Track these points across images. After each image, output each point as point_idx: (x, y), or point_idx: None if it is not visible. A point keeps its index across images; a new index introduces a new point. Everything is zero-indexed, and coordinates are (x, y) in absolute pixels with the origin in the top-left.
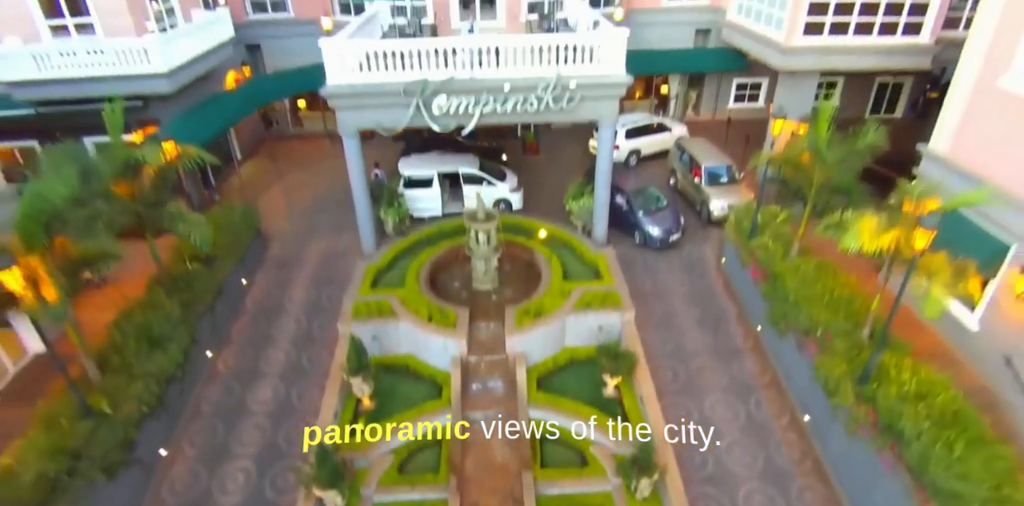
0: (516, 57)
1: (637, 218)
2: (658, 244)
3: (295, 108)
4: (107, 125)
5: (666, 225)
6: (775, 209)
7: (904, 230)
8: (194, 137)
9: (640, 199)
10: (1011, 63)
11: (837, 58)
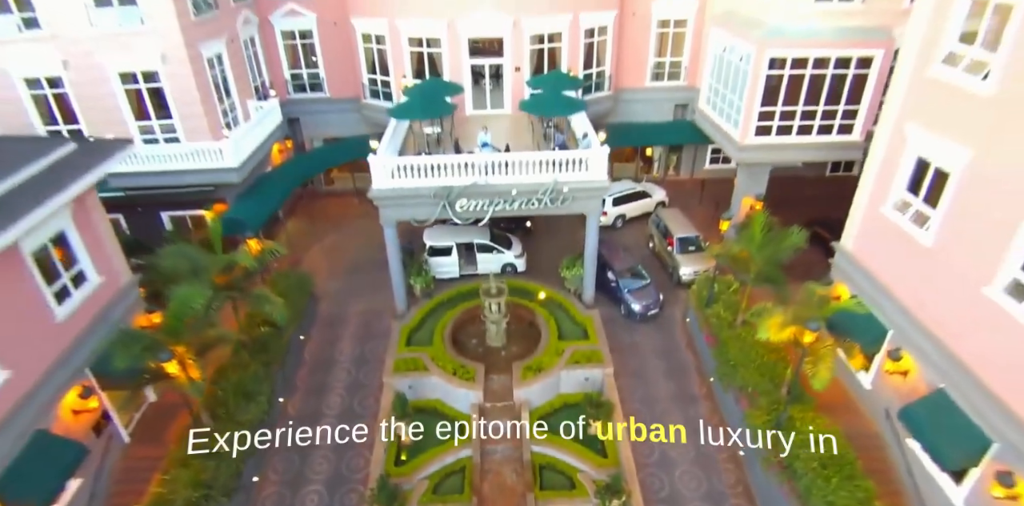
0: (521, 168)
1: (623, 294)
2: (638, 318)
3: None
4: (211, 236)
5: (647, 302)
6: (730, 279)
7: (798, 328)
8: (256, 216)
9: (627, 277)
10: (887, 196)
11: (784, 153)
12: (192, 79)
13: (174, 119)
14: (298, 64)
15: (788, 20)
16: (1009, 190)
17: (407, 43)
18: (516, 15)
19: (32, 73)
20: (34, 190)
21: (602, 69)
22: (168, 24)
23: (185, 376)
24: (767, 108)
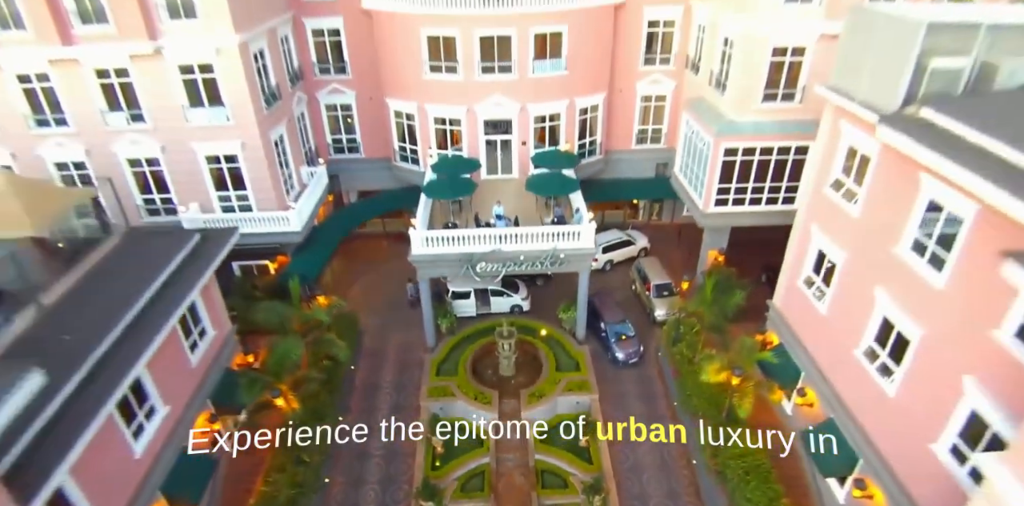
0: (528, 239)
1: (610, 343)
2: (621, 365)
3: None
4: (292, 294)
5: (629, 351)
6: (693, 321)
7: (728, 372)
8: (313, 267)
9: (616, 330)
10: (800, 272)
11: (740, 218)
12: (264, 161)
13: (248, 191)
14: (338, 131)
15: (740, 116)
16: (866, 284)
17: (433, 121)
18: (523, 102)
19: (135, 155)
20: (184, 277)
21: (594, 138)
22: (248, 120)
23: (288, 406)
24: (724, 185)
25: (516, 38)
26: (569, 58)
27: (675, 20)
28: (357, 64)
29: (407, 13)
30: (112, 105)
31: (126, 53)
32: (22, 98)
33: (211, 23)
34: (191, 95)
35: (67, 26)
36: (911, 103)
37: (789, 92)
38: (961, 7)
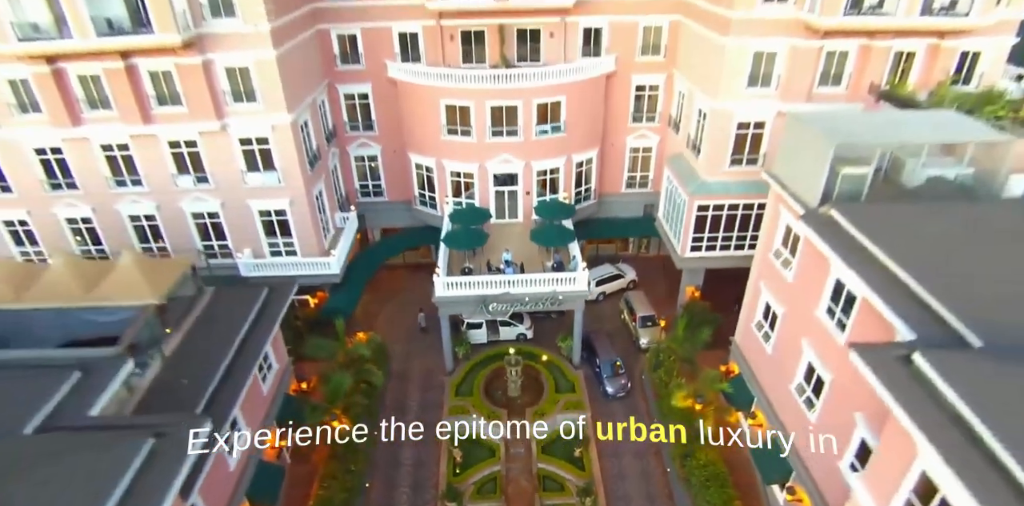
0: (531, 283)
1: (603, 378)
2: (609, 398)
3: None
4: (337, 331)
5: (618, 386)
6: (671, 350)
7: (693, 399)
8: (348, 303)
9: (608, 367)
10: (753, 317)
11: (712, 261)
12: (308, 213)
13: (294, 238)
14: (365, 178)
15: (711, 176)
16: (797, 334)
17: (449, 174)
18: (527, 160)
19: (199, 210)
20: (260, 325)
21: (589, 186)
22: (296, 181)
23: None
24: (698, 234)
25: (521, 108)
26: (567, 122)
27: (659, 85)
28: (382, 122)
29: (429, 85)
30: (181, 169)
31: (196, 130)
32: (104, 163)
33: (268, 106)
34: (249, 162)
35: (148, 108)
36: (828, 201)
37: (752, 157)
38: (877, 117)
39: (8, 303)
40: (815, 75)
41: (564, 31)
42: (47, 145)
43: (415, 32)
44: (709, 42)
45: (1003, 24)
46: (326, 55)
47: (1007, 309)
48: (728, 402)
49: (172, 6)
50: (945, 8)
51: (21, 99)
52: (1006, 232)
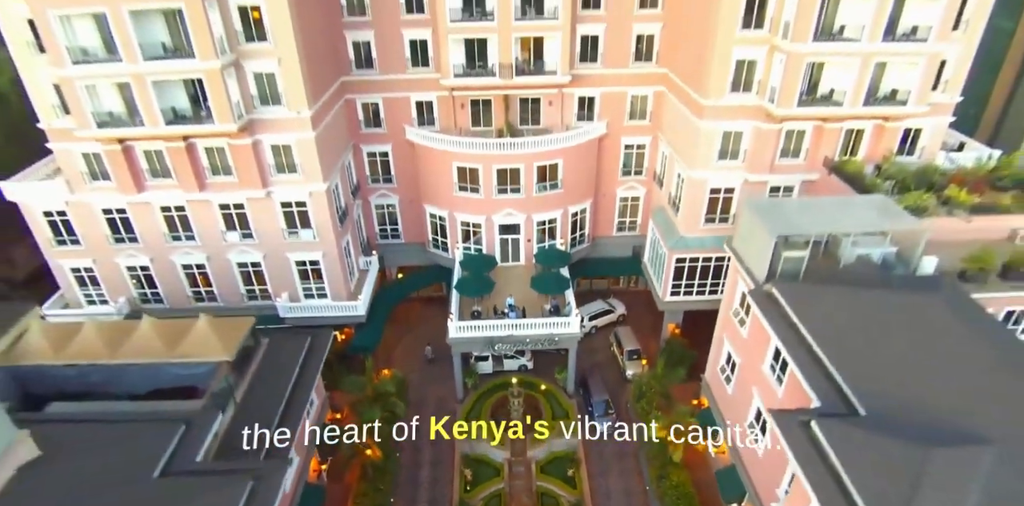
0: (532, 327)
1: (594, 417)
2: (598, 435)
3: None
4: (363, 362)
5: (608, 424)
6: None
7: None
8: (372, 339)
9: (600, 406)
10: (718, 361)
11: (690, 304)
12: (337, 263)
13: (325, 283)
14: (384, 223)
15: (688, 232)
16: (749, 383)
17: (460, 224)
18: (528, 213)
19: (243, 260)
20: (307, 368)
21: (584, 231)
22: (328, 237)
23: (376, 454)
24: (676, 282)
25: (524, 170)
26: (564, 180)
27: (645, 144)
28: (400, 176)
29: (443, 150)
30: (230, 227)
31: (244, 196)
32: (163, 222)
33: (307, 177)
34: (288, 222)
35: (203, 178)
36: (773, 277)
37: (724, 217)
38: (820, 204)
39: (106, 359)
40: (776, 150)
41: (561, 100)
42: (114, 206)
43: (430, 101)
44: (687, 120)
45: (940, 106)
46: (352, 120)
47: (889, 384)
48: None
49: (229, 99)
50: (887, 97)
51: (93, 169)
52: (904, 318)
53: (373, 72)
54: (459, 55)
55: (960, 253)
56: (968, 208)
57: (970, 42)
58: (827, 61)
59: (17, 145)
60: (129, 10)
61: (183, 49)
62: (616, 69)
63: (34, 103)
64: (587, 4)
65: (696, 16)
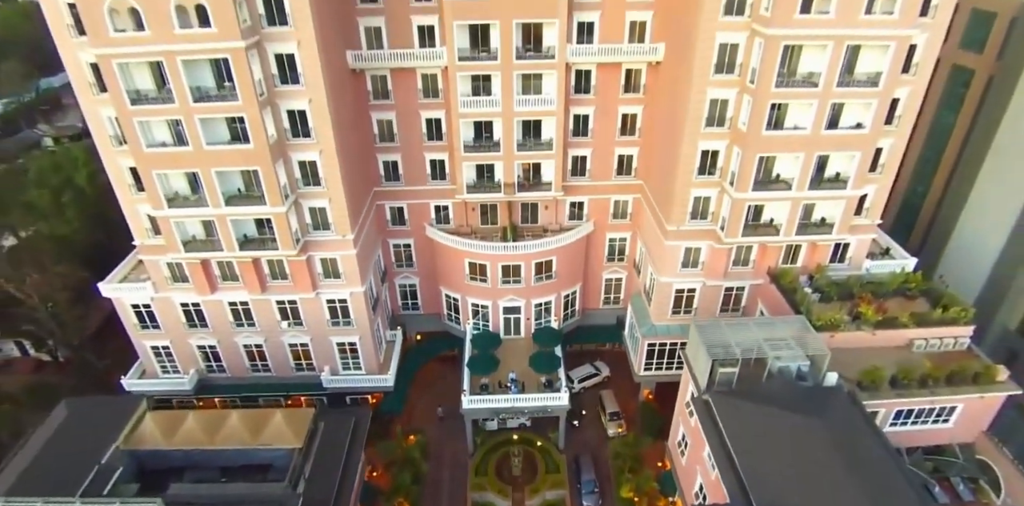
0: (529, 401)
1: (583, 494)
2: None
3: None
4: (395, 430)
5: (593, 501)
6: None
7: (633, 493)
8: (398, 403)
9: (589, 485)
10: (677, 435)
11: (661, 377)
12: (371, 343)
13: (360, 359)
14: (406, 298)
15: (658, 321)
16: (694, 463)
17: (470, 305)
18: (528, 298)
19: (294, 342)
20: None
21: (574, 307)
22: (364, 325)
23: None
24: (648, 361)
25: (524, 266)
26: (557, 272)
27: (627, 238)
28: (421, 262)
29: (457, 248)
30: (284, 317)
31: (297, 296)
32: (230, 313)
33: (348, 281)
34: (332, 314)
35: (264, 282)
36: (712, 386)
37: (688, 309)
38: (753, 326)
39: (207, 445)
40: (728, 262)
41: (556, 206)
42: (190, 302)
43: (446, 205)
44: (656, 236)
45: (863, 227)
46: (381, 220)
47: (778, 487)
48: (660, 492)
49: (290, 229)
50: (817, 224)
51: (175, 274)
52: (799, 432)
53: (399, 184)
54: (471, 174)
55: (868, 359)
56: (873, 324)
57: (886, 179)
58: (765, 204)
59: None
60: (215, 171)
61: (255, 194)
62: (601, 181)
63: (131, 226)
64: (576, 133)
65: (666, 161)
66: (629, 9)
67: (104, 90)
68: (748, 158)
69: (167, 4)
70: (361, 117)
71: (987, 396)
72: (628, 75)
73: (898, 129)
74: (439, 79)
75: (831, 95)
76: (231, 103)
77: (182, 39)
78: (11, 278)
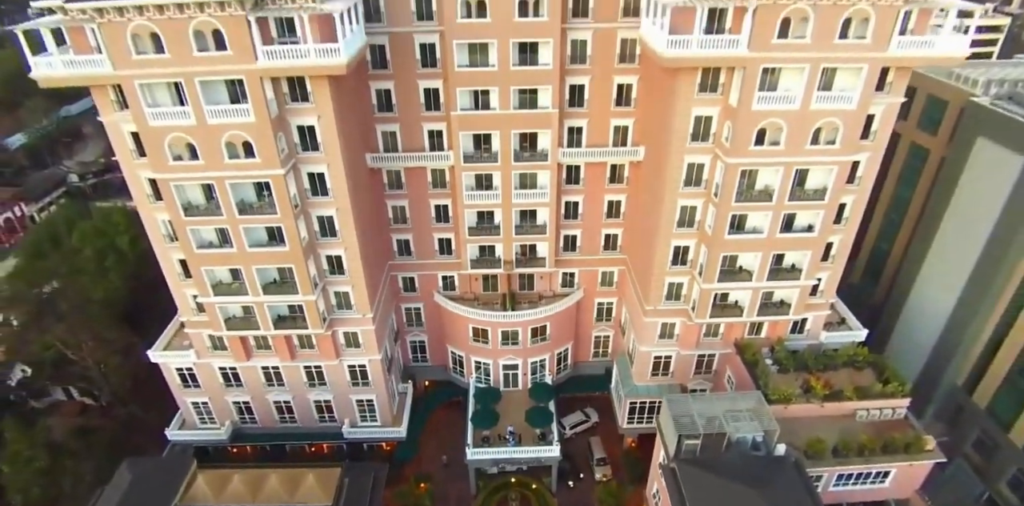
0: (525, 453)
1: None
2: None
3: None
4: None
5: None
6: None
7: None
8: (411, 451)
9: None
10: (651, 487)
11: (643, 429)
12: (387, 400)
13: (376, 413)
14: (416, 352)
15: (639, 382)
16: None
17: (474, 362)
18: (525, 358)
19: (318, 399)
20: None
21: (567, 361)
22: (381, 385)
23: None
24: (631, 415)
25: (521, 330)
26: (551, 334)
27: (613, 302)
28: (429, 323)
29: (462, 315)
30: (310, 379)
31: (323, 362)
32: (262, 376)
33: (367, 350)
34: (352, 377)
35: (294, 351)
36: (679, 454)
37: (666, 373)
38: (716, 401)
39: (251, 503)
40: (699, 335)
41: (550, 276)
42: (227, 366)
43: (452, 275)
44: (637, 312)
45: (819, 305)
46: (394, 288)
47: None
48: None
49: (318, 312)
50: (776, 306)
51: (215, 344)
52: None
53: (411, 258)
54: (474, 252)
55: (817, 427)
56: (821, 397)
57: (837, 266)
58: (730, 292)
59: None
60: (256, 268)
61: (289, 282)
62: (590, 255)
63: (177, 304)
64: (568, 216)
65: (645, 251)
66: (613, 116)
67: (159, 199)
68: (714, 255)
69: (219, 143)
70: (378, 204)
71: (916, 464)
72: (613, 169)
73: (846, 227)
74: (447, 173)
75: (784, 207)
76: (271, 215)
77: (231, 167)
78: (68, 344)
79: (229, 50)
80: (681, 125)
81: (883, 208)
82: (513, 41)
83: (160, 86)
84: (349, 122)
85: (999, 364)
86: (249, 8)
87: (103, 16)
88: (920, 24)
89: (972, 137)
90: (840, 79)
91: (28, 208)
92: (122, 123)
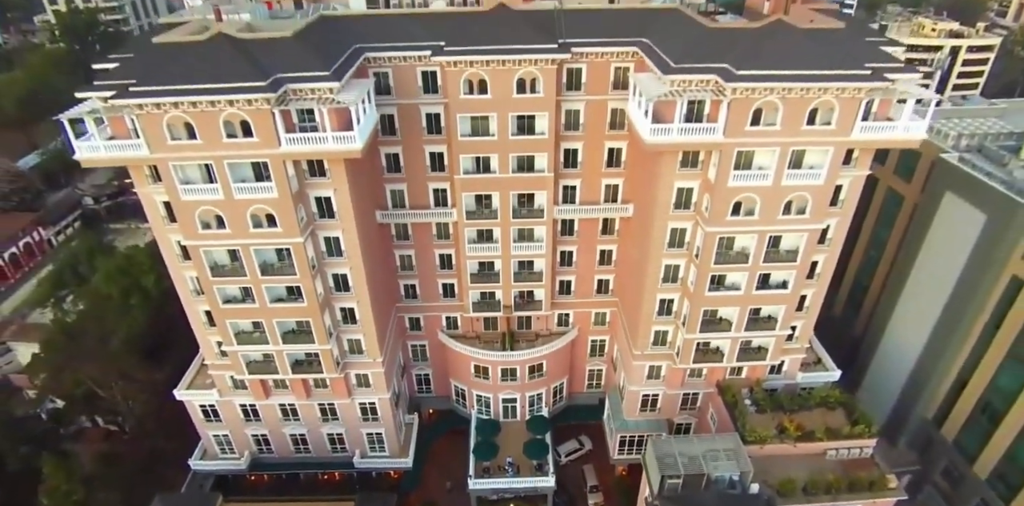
0: (522, 483)
1: None
2: None
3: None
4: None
5: None
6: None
7: None
8: (416, 480)
9: None
10: None
11: (632, 459)
12: (394, 433)
13: (385, 443)
14: (421, 384)
15: (629, 417)
16: None
17: (475, 395)
18: (523, 392)
19: (331, 432)
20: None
21: (562, 393)
22: (388, 416)
23: None
24: (621, 447)
25: (519, 368)
26: (547, 371)
27: (606, 340)
28: (433, 358)
29: (465, 353)
30: (324, 415)
31: (336, 400)
32: (279, 412)
33: (377, 390)
34: (363, 413)
35: (310, 390)
36: (663, 490)
37: (653, 409)
38: (698, 442)
39: None
40: (684, 376)
41: (547, 317)
42: (247, 403)
43: (456, 316)
44: (626, 355)
45: (795, 350)
46: (402, 327)
47: None
48: None
49: (333, 356)
50: (755, 351)
51: (236, 384)
52: None
53: (417, 301)
54: (476, 296)
55: (790, 465)
56: (794, 437)
57: (811, 316)
58: (711, 340)
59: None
60: (276, 320)
61: (306, 332)
62: (584, 298)
63: (202, 349)
64: (563, 263)
65: (633, 301)
66: (604, 177)
67: (188, 258)
68: (695, 308)
69: (245, 216)
70: (386, 254)
71: (879, 502)
72: (605, 222)
73: (818, 281)
74: (450, 227)
75: (759, 267)
76: (290, 276)
77: (255, 235)
78: (99, 382)
79: (255, 137)
80: (664, 196)
81: (863, 245)
82: (512, 114)
83: (192, 165)
84: (361, 187)
85: (965, 401)
86: (274, 103)
87: (142, 108)
88: (882, 109)
89: (941, 190)
90: (809, 158)
91: (46, 232)
92: (155, 194)
